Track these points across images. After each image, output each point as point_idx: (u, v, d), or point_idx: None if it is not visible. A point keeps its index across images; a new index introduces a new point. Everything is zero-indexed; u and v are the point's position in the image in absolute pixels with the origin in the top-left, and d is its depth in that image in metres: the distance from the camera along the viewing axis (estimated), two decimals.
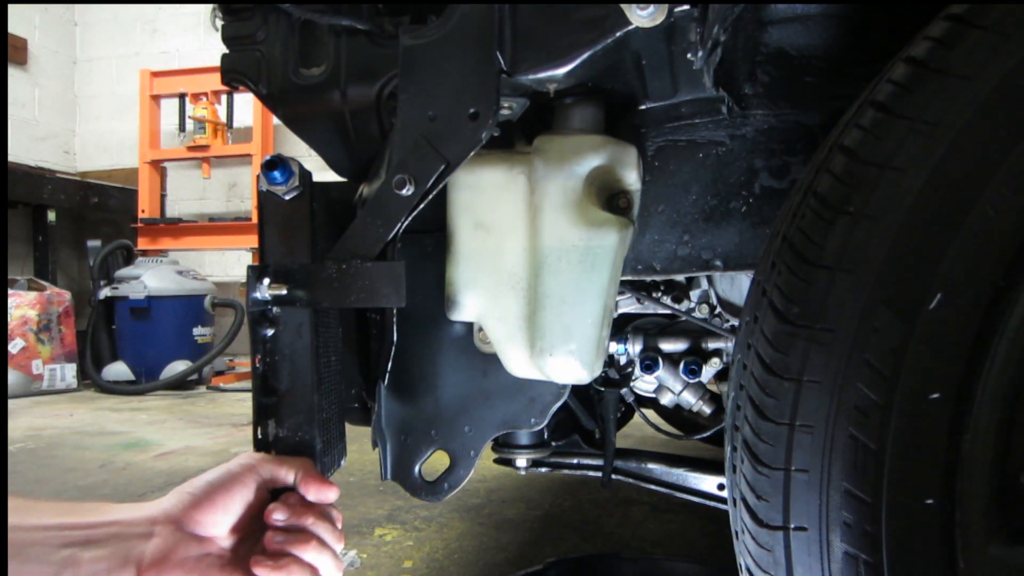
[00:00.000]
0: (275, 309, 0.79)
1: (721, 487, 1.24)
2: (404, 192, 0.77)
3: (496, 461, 1.20)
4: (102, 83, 5.95)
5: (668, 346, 1.27)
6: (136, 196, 5.00)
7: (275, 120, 4.92)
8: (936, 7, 0.62)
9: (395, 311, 0.83)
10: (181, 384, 4.35)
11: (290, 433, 0.79)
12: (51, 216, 4.91)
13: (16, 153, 5.33)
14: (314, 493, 0.72)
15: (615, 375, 1.29)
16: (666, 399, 1.31)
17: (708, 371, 1.26)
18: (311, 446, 0.78)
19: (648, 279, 1.07)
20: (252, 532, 0.70)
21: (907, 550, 0.58)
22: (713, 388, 1.32)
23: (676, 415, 1.97)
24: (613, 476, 1.28)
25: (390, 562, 1.60)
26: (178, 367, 4.37)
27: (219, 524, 0.68)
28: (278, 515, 0.69)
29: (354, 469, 2.33)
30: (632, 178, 0.87)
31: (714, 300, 1.15)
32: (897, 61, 0.62)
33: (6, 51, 5.10)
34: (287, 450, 0.79)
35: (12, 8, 5.41)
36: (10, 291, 4.24)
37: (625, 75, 0.84)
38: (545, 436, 1.18)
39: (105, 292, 4.44)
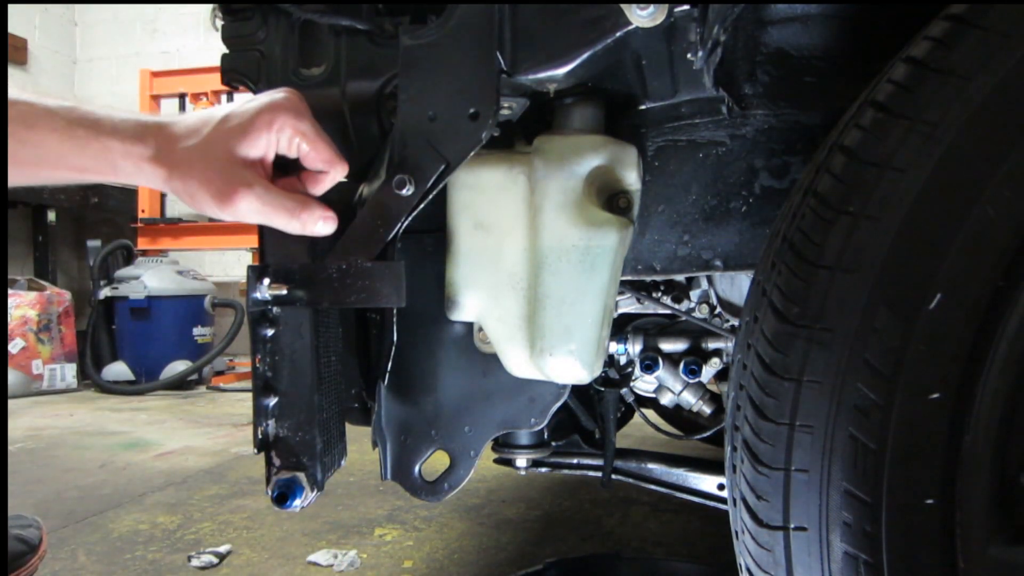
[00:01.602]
0: (275, 309, 0.79)
1: (721, 487, 1.24)
2: (404, 192, 0.78)
3: (496, 461, 1.20)
4: (102, 83, 5.94)
5: (668, 346, 1.27)
6: (136, 196, 4.99)
7: None
8: (936, 7, 0.62)
9: (395, 311, 0.83)
10: (181, 384, 4.35)
11: (290, 433, 0.79)
12: (51, 216, 4.91)
13: None
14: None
15: (615, 375, 1.29)
16: (666, 399, 1.31)
17: (708, 371, 1.26)
18: (311, 446, 0.78)
19: (648, 279, 1.07)
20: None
21: (907, 550, 0.58)
22: (713, 388, 1.32)
23: (676, 415, 1.97)
24: (613, 476, 1.28)
25: (390, 562, 1.60)
26: (178, 367, 4.37)
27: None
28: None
29: (354, 469, 2.33)
30: (632, 178, 0.87)
31: (714, 300, 1.15)
32: (897, 61, 0.62)
33: (6, 51, 5.10)
34: (287, 450, 0.79)
35: (12, 8, 5.41)
36: (10, 291, 4.24)
37: (625, 75, 0.84)
38: (545, 436, 1.18)
39: (105, 292, 4.44)
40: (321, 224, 0.74)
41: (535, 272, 0.85)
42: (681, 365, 1.25)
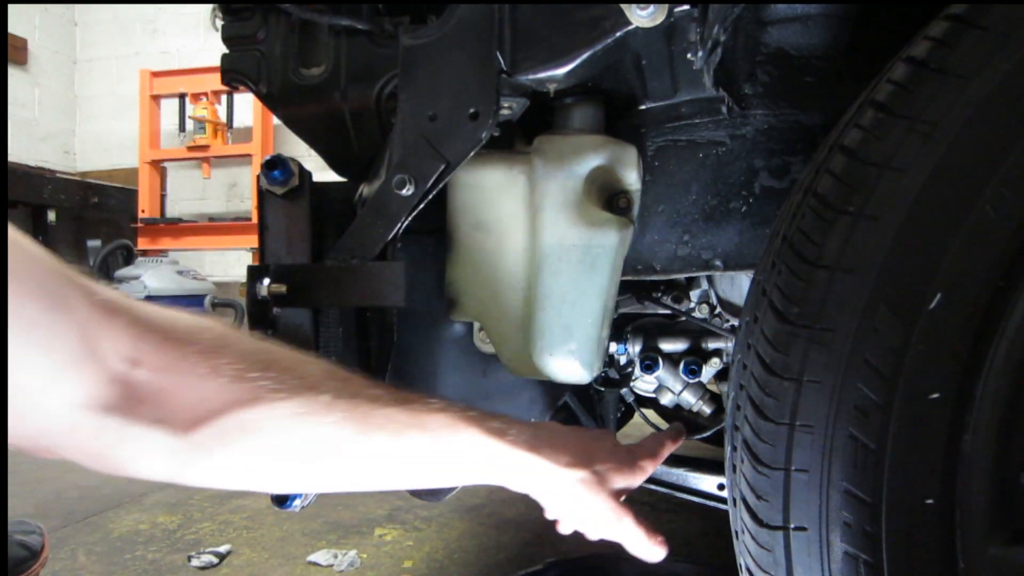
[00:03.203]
0: (275, 309, 0.79)
1: (721, 487, 1.24)
2: (404, 192, 0.78)
3: None
4: (102, 83, 5.95)
5: (668, 346, 1.27)
6: (136, 196, 5.00)
7: (275, 120, 4.92)
8: (936, 7, 0.62)
9: (395, 311, 0.83)
10: None
11: None
12: (51, 216, 4.91)
13: (16, 153, 5.33)
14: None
15: (615, 375, 1.29)
16: (666, 399, 1.31)
17: (708, 371, 1.26)
18: None
19: (648, 279, 1.07)
20: None
21: (907, 550, 0.58)
22: (713, 388, 1.32)
23: (676, 415, 1.96)
24: None
25: (390, 562, 1.60)
26: None
27: None
28: None
29: None
30: (632, 178, 0.87)
31: (714, 300, 1.15)
32: (897, 61, 0.62)
33: (6, 51, 5.11)
34: None
35: (12, 8, 5.41)
36: None
37: (625, 75, 0.84)
38: None
39: None
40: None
41: (535, 272, 0.85)
42: (681, 365, 1.25)
